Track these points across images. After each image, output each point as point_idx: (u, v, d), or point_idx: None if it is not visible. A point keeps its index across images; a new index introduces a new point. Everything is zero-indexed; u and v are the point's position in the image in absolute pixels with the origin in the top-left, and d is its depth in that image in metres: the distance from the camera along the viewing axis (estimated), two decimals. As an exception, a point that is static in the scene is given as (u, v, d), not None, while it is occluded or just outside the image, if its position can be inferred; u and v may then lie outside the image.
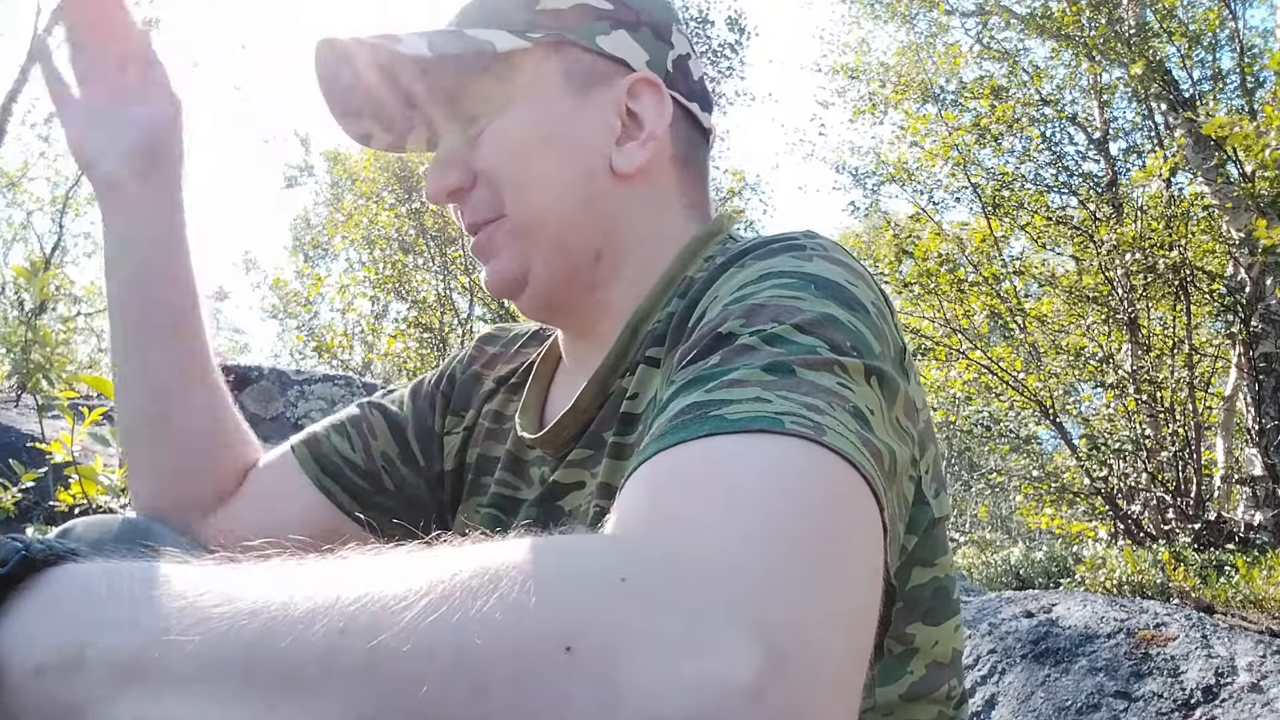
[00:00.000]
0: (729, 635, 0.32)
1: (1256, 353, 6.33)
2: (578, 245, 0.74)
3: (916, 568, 0.64)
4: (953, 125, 8.07)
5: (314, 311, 13.54)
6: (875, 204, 11.42)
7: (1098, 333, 7.29)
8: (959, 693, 0.69)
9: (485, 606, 0.31)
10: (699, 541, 0.37)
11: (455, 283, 10.25)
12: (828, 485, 0.42)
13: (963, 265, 7.48)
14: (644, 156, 0.74)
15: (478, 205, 0.75)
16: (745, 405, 0.45)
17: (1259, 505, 6.19)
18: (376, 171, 10.90)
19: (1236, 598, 3.78)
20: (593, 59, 0.74)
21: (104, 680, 0.32)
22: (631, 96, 0.74)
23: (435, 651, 0.31)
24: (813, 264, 0.58)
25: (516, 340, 0.93)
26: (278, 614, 0.32)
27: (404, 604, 0.32)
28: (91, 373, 4.64)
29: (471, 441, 0.88)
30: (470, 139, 0.75)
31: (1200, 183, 6.96)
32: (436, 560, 0.34)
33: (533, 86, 0.73)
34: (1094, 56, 7.72)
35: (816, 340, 0.51)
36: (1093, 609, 2.90)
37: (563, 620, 0.32)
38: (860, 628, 0.39)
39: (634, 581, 0.33)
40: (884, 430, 0.50)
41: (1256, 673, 2.45)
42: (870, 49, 11.62)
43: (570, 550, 0.35)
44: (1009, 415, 7.78)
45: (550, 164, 0.73)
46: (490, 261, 0.76)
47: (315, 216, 19.34)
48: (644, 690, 0.31)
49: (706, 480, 0.41)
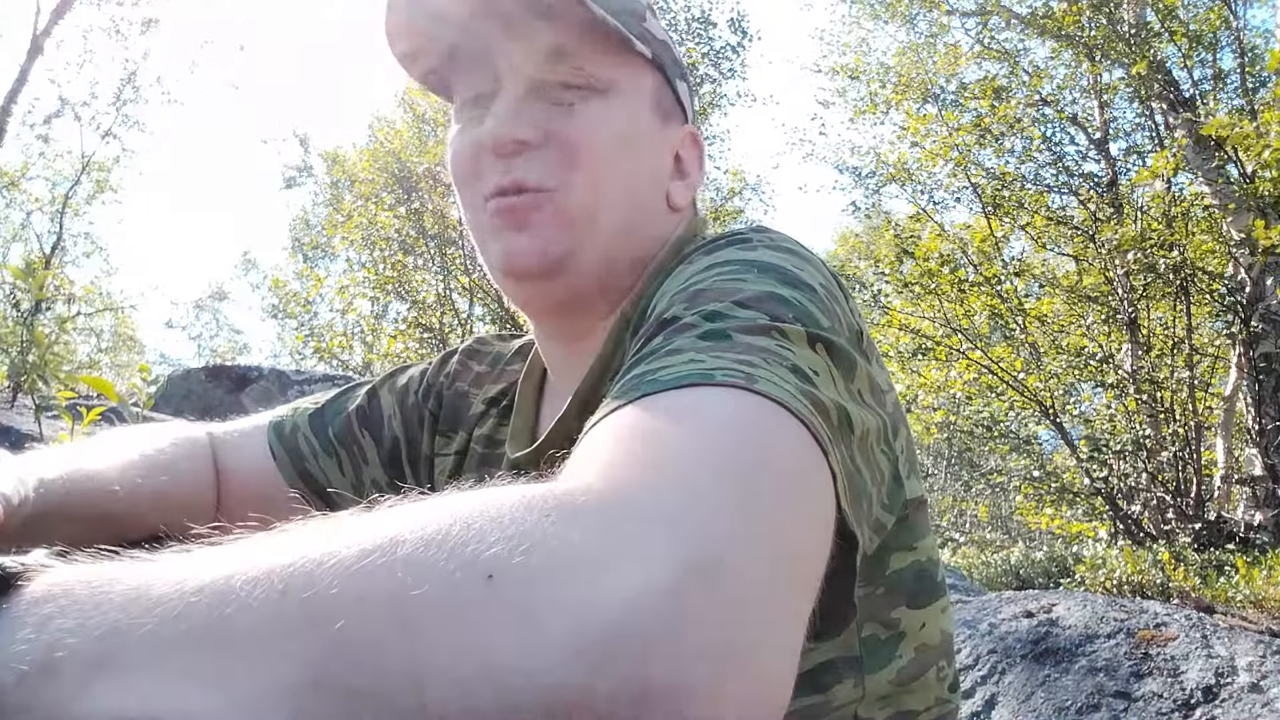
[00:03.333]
0: (649, 550, 0.33)
1: (1256, 353, 6.33)
2: (629, 252, 0.74)
3: (896, 553, 0.65)
4: (953, 125, 8.07)
5: (314, 312, 13.55)
6: (876, 204, 11.43)
7: (1098, 333, 7.29)
8: (950, 676, 0.69)
9: (409, 550, 0.33)
10: (622, 478, 0.38)
11: (455, 283, 10.25)
12: (757, 425, 0.42)
13: (963, 265, 7.49)
14: (685, 200, 0.79)
15: (539, 166, 0.70)
16: (678, 368, 0.46)
17: (1259, 505, 6.19)
18: (376, 172, 10.91)
19: (1236, 598, 3.78)
20: (671, 95, 0.78)
21: (76, 679, 0.33)
22: (683, 143, 0.79)
23: (366, 597, 0.32)
24: (757, 253, 0.59)
25: (501, 358, 0.92)
26: (222, 586, 0.33)
27: (336, 559, 0.33)
28: (90, 373, 4.65)
29: (465, 466, 0.87)
30: (552, 102, 0.72)
31: (1200, 183, 6.97)
32: (368, 519, 0.36)
33: (635, 89, 0.74)
34: (1094, 56, 7.73)
35: (756, 313, 0.52)
36: (1093, 609, 2.90)
37: (482, 552, 0.32)
38: (794, 557, 0.39)
39: (556, 514, 0.34)
40: (832, 390, 0.50)
41: (1256, 673, 2.44)
42: (870, 49, 11.64)
43: (497, 494, 0.36)
44: (1009, 415, 7.79)
45: (632, 166, 0.74)
46: (520, 234, 0.71)
47: (314, 217, 19.38)
48: (565, 609, 0.31)
49: (636, 434, 0.42)
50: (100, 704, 0.32)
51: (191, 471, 0.86)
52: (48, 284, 5.05)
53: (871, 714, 0.64)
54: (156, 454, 0.83)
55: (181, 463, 0.85)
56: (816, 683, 0.62)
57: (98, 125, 16.59)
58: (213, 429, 0.93)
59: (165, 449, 0.84)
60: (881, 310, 8.17)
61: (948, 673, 0.68)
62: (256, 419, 0.94)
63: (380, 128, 12.62)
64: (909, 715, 0.65)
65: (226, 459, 0.90)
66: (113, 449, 0.81)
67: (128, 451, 0.81)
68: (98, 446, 0.81)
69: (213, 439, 0.91)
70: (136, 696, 0.32)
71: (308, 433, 0.90)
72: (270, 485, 0.89)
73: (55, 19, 13.47)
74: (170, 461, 0.84)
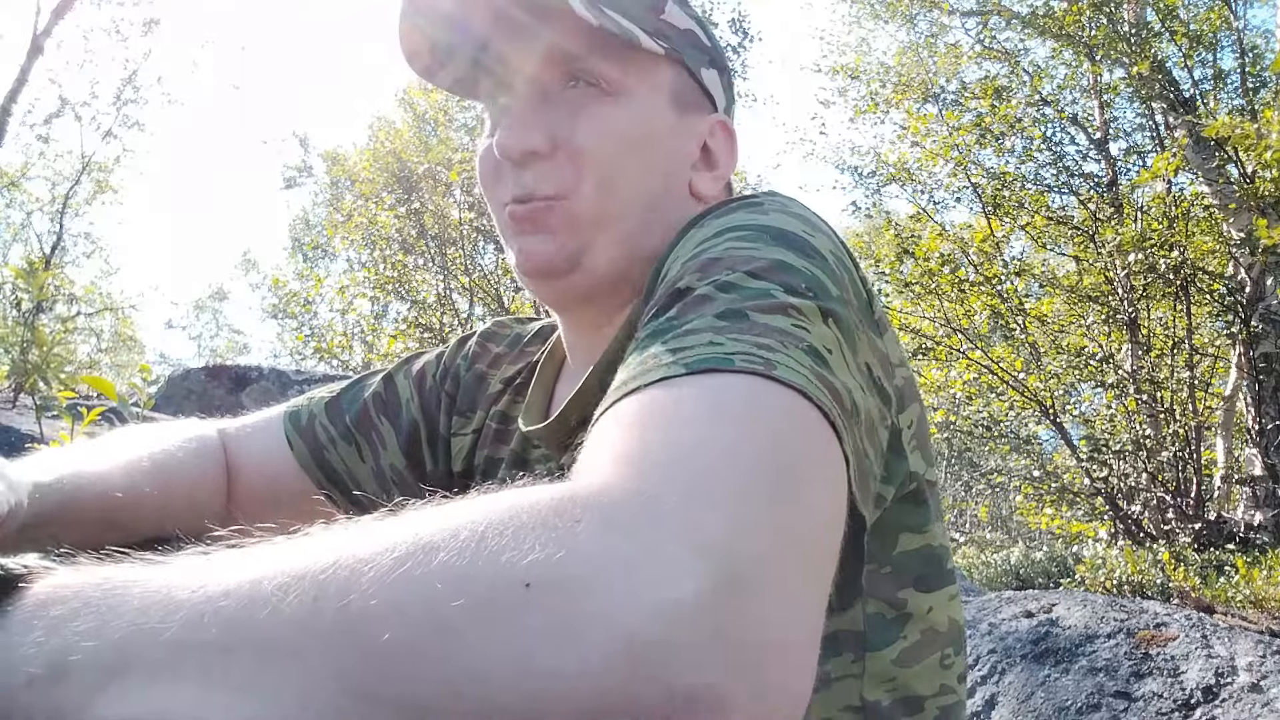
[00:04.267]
0: (680, 558, 0.34)
1: (1256, 353, 6.33)
2: (642, 251, 0.74)
3: (905, 534, 0.65)
4: (953, 125, 8.07)
5: (314, 312, 13.55)
6: (877, 204, 11.42)
7: (1098, 333, 7.29)
8: (958, 666, 0.68)
9: (445, 557, 0.33)
10: (649, 477, 0.38)
11: (455, 283, 10.25)
12: (778, 415, 0.43)
13: (963, 265, 7.48)
14: (716, 190, 0.78)
15: (549, 175, 0.72)
16: (697, 350, 0.46)
17: (1259, 505, 6.19)
18: (376, 172, 10.91)
19: (1236, 598, 3.78)
20: (694, 86, 0.77)
21: (89, 682, 0.33)
22: (711, 133, 0.78)
23: (401, 604, 0.32)
24: (769, 217, 0.59)
25: (520, 340, 0.92)
26: (250, 591, 0.33)
27: (370, 566, 0.33)
28: (90, 373, 4.64)
29: (479, 444, 0.87)
30: (561, 108, 0.72)
31: (1201, 183, 6.97)
32: (398, 524, 0.35)
33: (647, 87, 0.74)
34: (1094, 56, 7.72)
35: (770, 284, 0.51)
36: (1093, 609, 2.90)
37: (519, 559, 0.33)
38: (816, 551, 0.39)
39: (588, 518, 0.35)
40: (843, 370, 0.50)
41: (1256, 673, 2.44)
42: (871, 49, 11.63)
43: (525, 497, 0.36)
44: (1009, 415, 7.78)
45: (644, 166, 0.73)
46: (536, 236, 0.73)
47: (314, 217, 19.38)
48: (604, 618, 0.32)
49: (657, 422, 0.42)
50: (116, 709, 0.32)
51: (199, 470, 0.85)
52: (48, 284, 5.05)
53: (876, 695, 0.63)
54: (163, 454, 0.82)
55: (188, 463, 0.84)
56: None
57: (98, 125, 16.60)
58: (224, 425, 0.92)
59: (172, 449, 0.84)
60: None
61: (954, 662, 0.68)
62: (269, 411, 0.93)
63: (381, 127, 12.63)
64: (914, 700, 0.65)
65: (239, 453, 0.89)
66: (118, 450, 0.80)
67: (133, 452, 0.80)
68: (103, 447, 0.81)
69: (223, 435, 0.91)
70: (155, 703, 0.32)
71: (324, 421, 0.90)
72: (285, 476, 0.88)
73: (55, 19, 13.45)
74: (177, 462, 0.83)
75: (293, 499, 0.88)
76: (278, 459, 0.89)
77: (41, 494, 0.70)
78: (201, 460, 0.86)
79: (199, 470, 0.85)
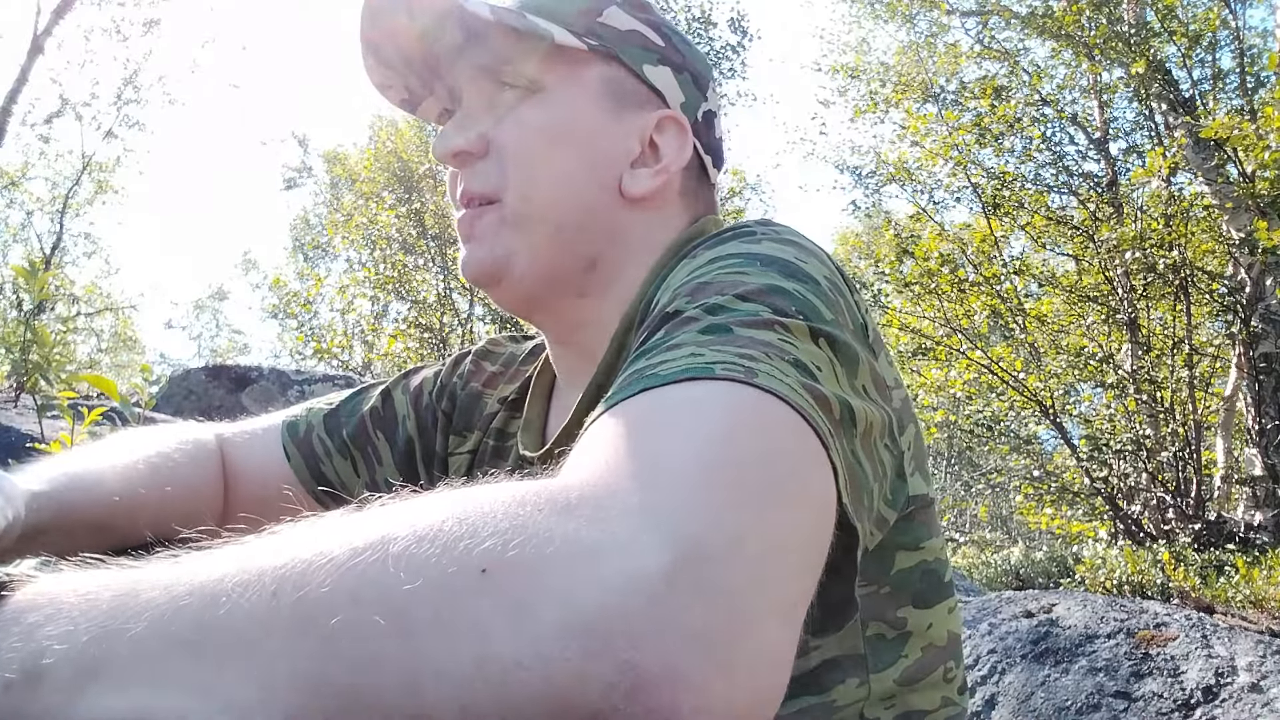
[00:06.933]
0: (637, 537, 0.34)
1: (1256, 353, 6.34)
2: (571, 248, 0.74)
3: (901, 552, 0.64)
4: (953, 125, 8.07)
5: (314, 312, 13.54)
6: (876, 204, 11.42)
7: (1098, 333, 7.29)
8: (959, 678, 0.69)
9: (402, 546, 0.33)
10: (613, 470, 0.38)
11: (455, 283, 10.25)
12: (755, 417, 0.42)
13: (963, 265, 7.48)
14: (653, 186, 0.75)
15: (480, 176, 0.74)
16: (679, 362, 0.46)
17: (1259, 505, 6.19)
18: (376, 171, 10.91)
19: (1236, 598, 3.78)
20: (635, 83, 0.76)
21: (65, 685, 0.33)
22: (658, 129, 0.76)
23: (358, 595, 0.32)
24: (760, 245, 0.59)
25: (514, 359, 0.92)
26: (213, 589, 0.34)
27: (327, 559, 0.33)
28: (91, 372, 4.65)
29: (476, 463, 0.87)
30: (496, 112, 0.74)
31: (1200, 183, 6.96)
32: (360, 518, 0.36)
33: (572, 84, 0.74)
34: (1094, 56, 7.72)
35: (759, 305, 0.51)
36: (1093, 609, 2.90)
37: (475, 546, 0.33)
38: (787, 547, 0.39)
39: (549, 508, 0.35)
40: (834, 385, 0.50)
41: (1256, 673, 2.44)
42: (871, 49, 11.64)
43: (490, 490, 0.37)
44: (1009, 415, 7.78)
45: (565, 161, 0.73)
46: (469, 244, 0.75)
47: (314, 217, 19.38)
48: (557, 597, 0.32)
49: (630, 428, 0.42)
50: (91, 710, 0.32)
51: (197, 476, 0.85)
52: (49, 284, 5.04)
53: (877, 714, 0.63)
54: (160, 459, 0.83)
55: (186, 467, 0.85)
56: (820, 681, 0.62)
57: (98, 125, 16.60)
58: (222, 430, 0.92)
59: (170, 454, 0.84)
60: (881, 310, 8.17)
61: (955, 674, 0.68)
62: (268, 419, 0.93)
63: (382, 127, 12.63)
64: (916, 716, 0.65)
65: (236, 460, 0.89)
66: (116, 455, 0.80)
67: (131, 458, 0.81)
68: (102, 452, 0.81)
69: (221, 440, 0.91)
70: (128, 701, 0.32)
71: (322, 433, 0.90)
72: (282, 485, 0.89)
73: (56, 19, 13.46)
74: (174, 467, 0.83)
75: (287, 507, 0.88)
76: (274, 469, 0.89)
77: (39, 504, 0.70)
78: (199, 466, 0.86)
79: (197, 476, 0.86)
